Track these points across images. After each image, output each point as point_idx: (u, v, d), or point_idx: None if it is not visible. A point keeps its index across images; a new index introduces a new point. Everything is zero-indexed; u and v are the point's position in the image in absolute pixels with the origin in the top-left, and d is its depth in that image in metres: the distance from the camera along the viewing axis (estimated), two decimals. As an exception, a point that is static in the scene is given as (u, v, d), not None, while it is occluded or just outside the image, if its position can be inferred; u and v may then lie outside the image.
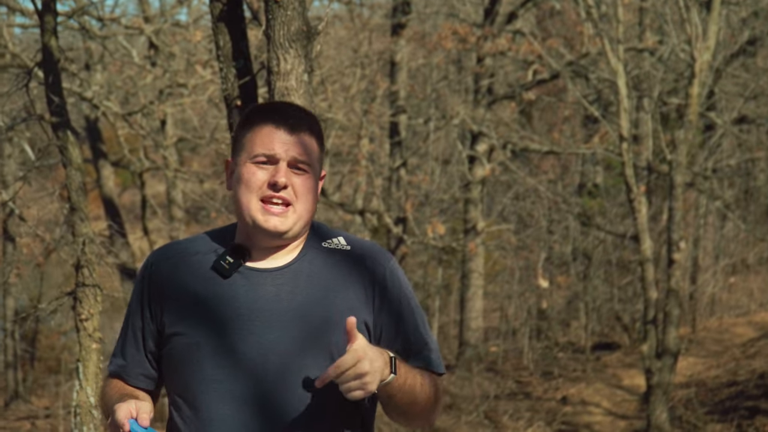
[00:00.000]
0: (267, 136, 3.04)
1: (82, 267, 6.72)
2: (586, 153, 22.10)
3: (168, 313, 3.08)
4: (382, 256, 3.16)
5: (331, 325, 3.01)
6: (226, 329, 3.00)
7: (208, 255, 3.11)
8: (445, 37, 20.29)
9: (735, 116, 21.32)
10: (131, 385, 3.17)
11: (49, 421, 19.49)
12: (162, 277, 3.11)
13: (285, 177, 3.00)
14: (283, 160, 3.02)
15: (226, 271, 3.05)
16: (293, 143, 3.03)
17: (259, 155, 3.03)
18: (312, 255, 3.11)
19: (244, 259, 3.07)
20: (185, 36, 17.38)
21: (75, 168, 6.74)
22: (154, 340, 3.13)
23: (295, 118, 3.07)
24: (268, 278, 3.05)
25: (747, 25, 21.03)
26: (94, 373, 6.70)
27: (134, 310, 3.17)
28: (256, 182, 3.02)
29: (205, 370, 3.01)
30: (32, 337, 25.04)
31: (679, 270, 16.41)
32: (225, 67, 6.04)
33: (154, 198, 24.92)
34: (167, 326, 3.08)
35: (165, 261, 3.15)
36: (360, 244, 3.17)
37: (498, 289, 26.30)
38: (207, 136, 20.03)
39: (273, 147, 3.02)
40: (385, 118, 21.56)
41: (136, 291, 3.16)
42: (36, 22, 16.27)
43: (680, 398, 19.02)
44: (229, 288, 3.04)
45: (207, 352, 3.01)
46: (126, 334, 3.18)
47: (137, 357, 3.16)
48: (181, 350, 3.04)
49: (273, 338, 2.99)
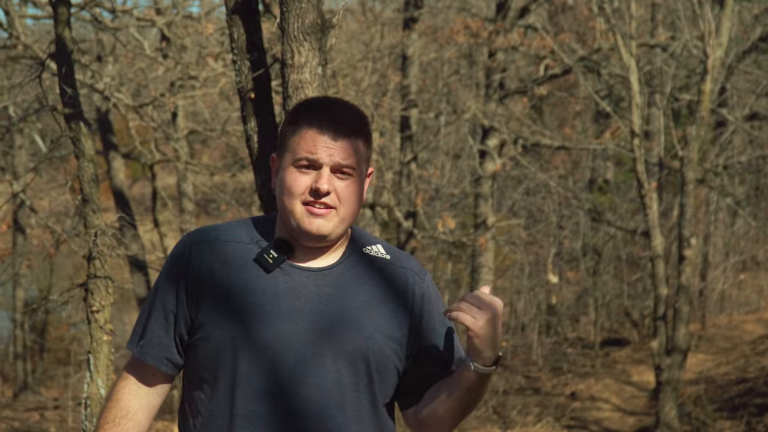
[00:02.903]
0: (311, 140, 3.00)
1: (93, 258, 6.70)
2: (597, 148, 22.06)
3: (206, 302, 3.03)
4: (421, 271, 3.18)
5: (367, 333, 3.02)
6: (265, 326, 2.98)
7: (250, 245, 3.07)
8: (457, 32, 20.26)
9: (746, 113, 21.29)
10: (156, 367, 3.10)
11: (58, 412, 19.54)
12: (201, 261, 3.05)
13: (328, 183, 2.97)
14: (326, 165, 2.98)
15: (269, 266, 3.03)
16: (337, 148, 3.00)
17: (302, 159, 3.00)
18: (354, 260, 3.10)
19: (288, 255, 3.05)
20: (197, 28, 17.37)
21: (88, 159, 6.72)
22: (186, 326, 3.07)
23: (341, 122, 3.02)
24: (311, 278, 3.04)
25: (759, 22, 20.99)
26: (105, 365, 6.69)
27: (167, 291, 3.09)
28: (298, 188, 2.99)
29: (240, 364, 2.98)
30: (42, 329, 25.10)
31: (690, 266, 16.38)
32: (239, 59, 6.03)
33: (165, 190, 24.90)
34: (202, 315, 3.03)
35: (204, 245, 3.08)
36: (400, 256, 3.18)
37: (508, 284, 26.30)
38: (218, 128, 20.02)
39: (316, 152, 2.99)
40: (396, 112, 21.53)
41: (171, 272, 3.09)
42: (48, 13, 16.30)
43: (689, 395, 19.00)
44: (271, 283, 3.02)
45: (243, 346, 2.97)
46: (153, 315, 3.10)
47: (165, 340, 3.09)
48: (216, 341, 3.00)
49: (311, 339, 2.98)
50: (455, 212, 23.86)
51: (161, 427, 11.70)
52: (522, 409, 19.72)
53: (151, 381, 3.14)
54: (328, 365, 2.98)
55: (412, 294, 3.11)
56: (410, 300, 3.11)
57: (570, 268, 25.71)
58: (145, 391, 3.14)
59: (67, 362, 23.60)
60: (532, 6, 21.53)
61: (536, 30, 20.88)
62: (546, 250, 24.98)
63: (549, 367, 22.44)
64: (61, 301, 7.12)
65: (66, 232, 7.83)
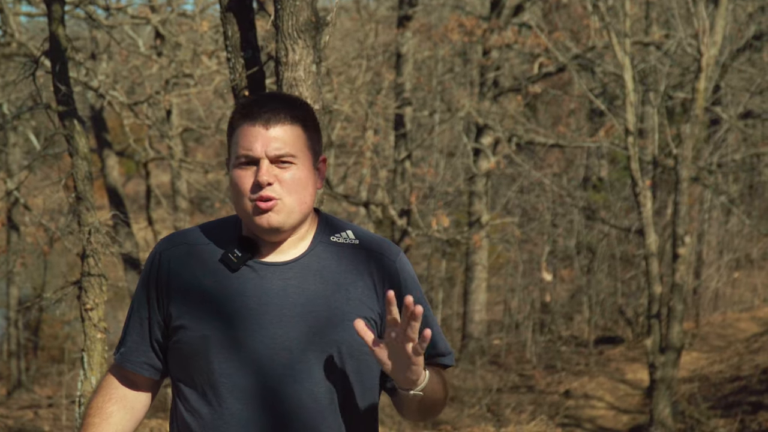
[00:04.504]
0: (245, 136, 2.98)
1: (87, 256, 6.70)
2: (592, 146, 22.08)
3: (175, 305, 3.04)
4: (391, 250, 3.13)
5: (338, 321, 2.99)
6: (235, 323, 2.98)
7: (215, 246, 3.07)
8: (452, 30, 20.28)
9: (740, 111, 21.29)
10: (136, 373, 3.14)
11: (52, 410, 19.50)
12: (169, 267, 3.07)
13: (267, 175, 2.95)
14: (263, 159, 2.96)
15: (234, 264, 3.02)
16: (271, 138, 2.97)
17: (240, 157, 2.99)
18: (320, 249, 3.07)
19: (253, 252, 3.04)
20: (192, 26, 17.35)
21: (81, 157, 6.72)
22: (161, 330, 3.10)
23: (271, 111, 2.99)
24: (276, 272, 3.02)
25: (753, 20, 21.01)
26: (99, 362, 6.69)
27: (141, 299, 3.13)
28: (243, 186, 2.98)
29: (214, 363, 2.98)
30: (36, 326, 25.08)
31: (684, 264, 16.38)
32: (233, 57, 6.02)
33: (159, 188, 24.90)
34: (174, 318, 3.04)
35: (172, 251, 3.10)
36: (369, 238, 3.14)
37: (502, 282, 26.32)
38: (212, 126, 20.00)
39: (251, 147, 2.97)
40: (391, 110, 21.53)
41: (142, 280, 3.13)
42: (42, 10, 16.26)
43: (683, 393, 19.01)
44: (238, 281, 3.01)
45: (215, 345, 2.98)
46: (131, 323, 3.15)
47: (142, 347, 3.13)
48: (188, 343, 3.01)
49: (281, 333, 2.97)
50: (449, 210, 23.87)
51: (155, 425, 11.72)
52: (516, 407, 19.73)
53: (131, 386, 3.18)
54: (303, 357, 2.97)
55: (381, 274, 3.07)
56: (381, 280, 3.07)
57: (564, 266, 25.72)
58: (122, 393, 3.17)
59: (61, 360, 23.58)
60: (526, 4, 21.55)
61: (530, 28, 20.91)
62: (540, 248, 24.99)
63: (543, 365, 22.45)
64: (55, 299, 7.11)
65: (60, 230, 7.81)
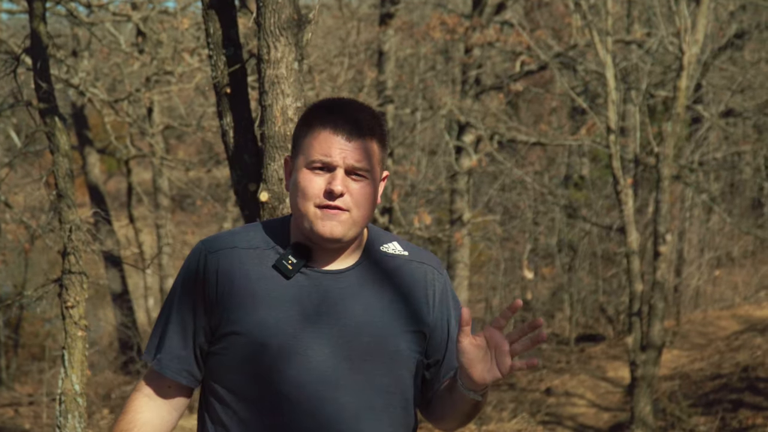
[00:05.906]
0: (324, 141, 2.96)
1: (68, 254, 6.68)
2: (573, 144, 22.10)
3: (226, 311, 2.98)
4: (438, 263, 3.18)
5: (393, 332, 3.01)
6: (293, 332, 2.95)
7: (267, 251, 3.03)
8: (434, 28, 20.27)
9: (722, 109, 21.34)
10: (174, 380, 3.07)
11: (33, 408, 19.46)
12: (217, 270, 3.01)
13: (341, 185, 2.94)
14: (340, 168, 2.95)
15: (289, 272, 2.99)
16: (351, 149, 2.96)
17: (315, 162, 2.96)
18: (372, 259, 3.08)
19: (307, 259, 3.01)
20: (173, 23, 17.31)
21: (62, 154, 6.70)
22: (206, 335, 3.03)
23: (355, 123, 2.99)
24: (332, 281, 3.01)
25: (735, 19, 21.07)
26: (79, 360, 6.67)
27: (183, 302, 3.05)
28: (312, 190, 2.95)
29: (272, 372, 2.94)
30: (16, 324, 24.98)
31: (665, 262, 16.41)
32: (215, 54, 6.01)
33: (140, 185, 24.85)
34: (224, 324, 2.99)
35: (218, 253, 3.04)
36: (416, 250, 3.16)
37: (483, 280, 26.33)
38: (194, 123, 19.96)
39: (330, 154, 2.95)
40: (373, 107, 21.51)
41: (187, 282, 3.05)
42: (24, 8, 16.20)
43: (664, 391, 19.06)
44: (293, 289, 2.98)
45: (270, 353, 2.94)
46: (170, 326, 3.07)
47: (184, 354, 3.06)
48: (240, 350, 2.97)
49: (342, 342, 2.96)
50: (431, 208, 23.87)
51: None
52: (497, 404, 19.74)
53: (166, 394, 3.11)
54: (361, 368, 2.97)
55: (432, 289, 3.11)
56: (430, 295, 3.10)
57: (545, 264, 25.75)
58: (158, 403, 3.10)
59: (41, 358, 23.49)
60: (508, 2, 21.56)
61: (512, 26, 20.91)
62: (521, 246, 25.02)
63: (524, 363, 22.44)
64: (35, 297, 7.09)
65: (41, 228, 7.79)
